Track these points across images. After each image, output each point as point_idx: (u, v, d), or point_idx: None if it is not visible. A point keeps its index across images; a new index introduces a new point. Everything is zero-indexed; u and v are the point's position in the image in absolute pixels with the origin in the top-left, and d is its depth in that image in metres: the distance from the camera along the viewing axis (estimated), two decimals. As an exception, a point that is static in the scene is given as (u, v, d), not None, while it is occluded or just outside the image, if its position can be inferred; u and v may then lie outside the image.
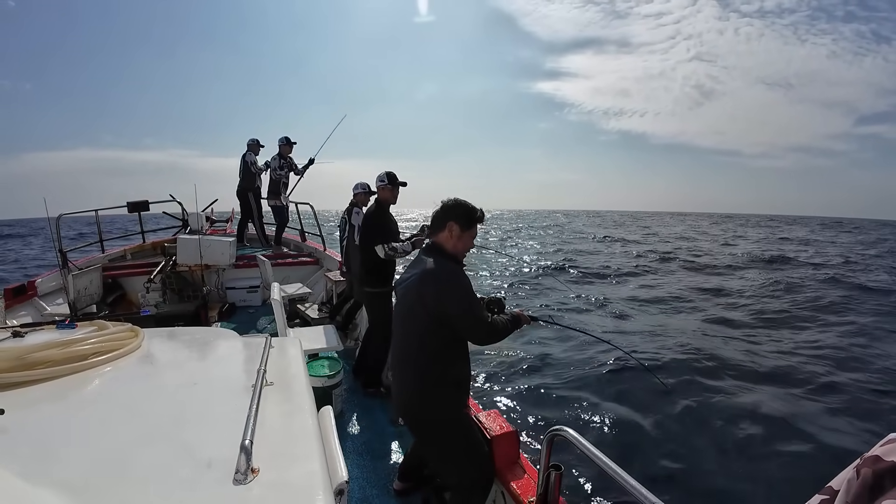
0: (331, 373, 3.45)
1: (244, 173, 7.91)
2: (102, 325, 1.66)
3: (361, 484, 2.76)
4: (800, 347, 7.61)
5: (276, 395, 1.26)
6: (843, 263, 19.53)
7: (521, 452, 2.40)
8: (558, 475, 1.87)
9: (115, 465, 0.90)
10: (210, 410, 1.19)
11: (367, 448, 3.17)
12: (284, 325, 2.74)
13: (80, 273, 5.40)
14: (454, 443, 2.13)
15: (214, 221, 9.63)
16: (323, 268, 7.12)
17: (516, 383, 6.03)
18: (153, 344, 1.65)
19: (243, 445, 0.87)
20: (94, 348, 1.40)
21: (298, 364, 1.57)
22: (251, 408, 1.03)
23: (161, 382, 1.38)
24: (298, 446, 1.02)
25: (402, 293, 2.15)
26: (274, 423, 1.08)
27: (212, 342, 1.88)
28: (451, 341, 2.05)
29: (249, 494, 0.82)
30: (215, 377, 1.47)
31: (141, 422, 1.09)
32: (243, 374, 1.39)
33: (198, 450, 0.96)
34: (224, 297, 6.51)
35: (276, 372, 1.40)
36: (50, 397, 1.17)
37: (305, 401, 1.26)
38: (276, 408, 1.17)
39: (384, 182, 3.92)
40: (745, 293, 12.38)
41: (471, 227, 2.16)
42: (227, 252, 6.35)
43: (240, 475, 0.85)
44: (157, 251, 7.58)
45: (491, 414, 2.51)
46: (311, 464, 0.95)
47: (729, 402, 5.48)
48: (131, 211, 7.61)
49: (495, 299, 2.37)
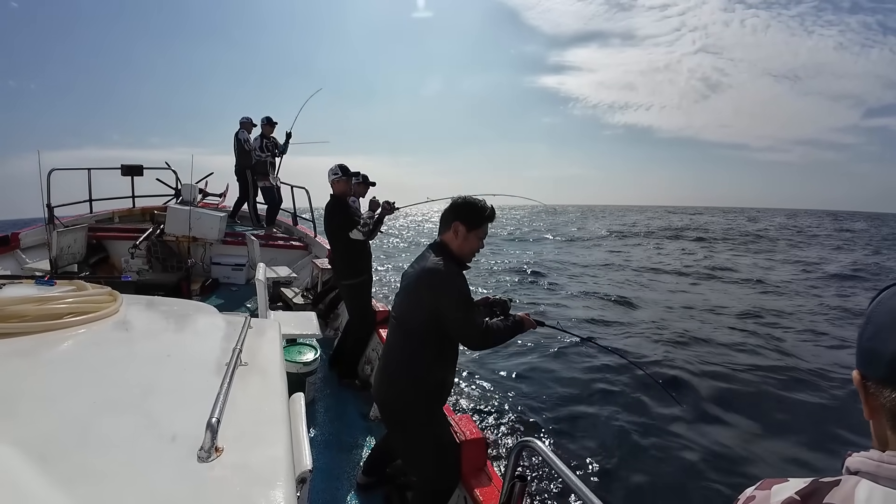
0: (307, 360, 3.43)
1: (239, 151, 7.86)
2: (81, 285, 1.64)
3: (326, 475, 2.75)
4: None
5: (249, 376, 1.24)
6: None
7: (489, 461, 2.41)
8: (523, 486, 1.88)
9: (79, 428, 0.88)
10: (180, 384, 1.17)
11: (336, 439, 3.16)
12: (266, 307, 2.73)
13: (66, 231, 5.33)
14: (424, 444, 2.12)
15: (207, 195, 9.54)
16: (311, 254, 7.09)
17: (494, 389, 6.02)
18: (131, 311, 1.63)
19: (210, 423, 0.87)
20: (71, 308, 1.38)
21: (275, 347, 1.56)
22: (222, 386, 1.02)
23: (134, 350, 1.37)
24: (265, 430, 1.01)
25: (402, 287, 2.15)
26: (243, 404, 1.07)
27: (190, 316, 1.86)
28: (441, 341, 2.04)
29: (210, 473, 0.81)
30: (190, 351, 1.46)
31: (109, 388, 1.08)
32: (218, 351, 1.38)
33: (164, 423, 0.95)
34: (208, 272, 6.46)
35: (252, 353, 1.39)
36: (20, 353, 1.15)
37: (278, 385, 1.25)
38: (247, 389, 1.16)
39: (338, 175, 3.91)
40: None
41: (478, 227, 2.11)
42: (217, 226, 6.30)
43: (203, 452, 0.84)
44: (146, 217, 7.51)
45: (462, 419, 2.51)
46: (276, 449, 0.94)
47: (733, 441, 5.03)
48: (125, 174, 7.53)
49: (500, 301, 2.30)
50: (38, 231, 5.86)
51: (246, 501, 0.78)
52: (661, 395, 5.59)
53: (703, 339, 8.35)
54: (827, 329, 9.05)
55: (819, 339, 8.45)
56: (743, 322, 9.47)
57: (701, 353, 7.59)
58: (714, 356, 7.59)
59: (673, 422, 5.23)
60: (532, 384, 6.23)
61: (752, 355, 7.63)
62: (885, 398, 0.58)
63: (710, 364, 7.03)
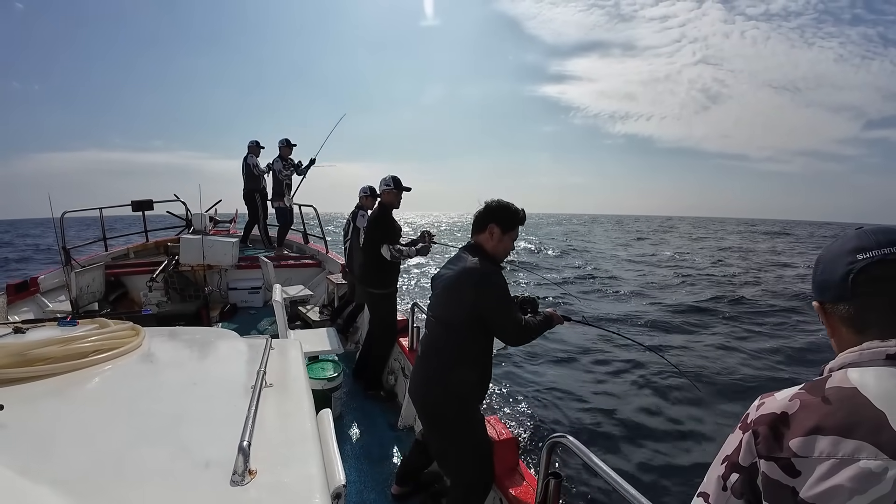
0: (331, 375, 3.44)
1: (248, 176, 7.93)
2: (104, 322, 1.66)
3: (359, 488, 2.75)
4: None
5: (275, 396, 1.25)
6: None
7: (521, 460, 2.39)
8: (557, 483, 1.86)
9: (113, 463, 0.89)
10: (209, 411, 1.18)
11: (366, 452, 3.16)
12: (285, 327, 2.74)
13: (83, 271, 5.41)
14: (464, 442, 2.13)
15: (218, 222, 9.65)
16: (325, 270, 7.13)
17: (521, 387, 5.99)
18: (154, 343, 1.65)
19: (241, 447, 0.87)
20: (95, 346, 1.40)
21: (298, 366, 1.57)
22: (250, 409, 1.03)
23: (161, 381, 1.38)
24: (296, 449, 1.02)
25: (440, 288, 2.16)
26: (272, 425, 1.08)
27: (212, 342, 1.88)
28: (480, 339, 2.07)
29: (246, 496, 0.82)
30: (215, 377, 1.47)
31: (140, 421, 1.09)
32: (243, 374, 1.39)
33: (196, 450, 0.96)
34: (226, 298, 6.52)
35: (276, 373, 1.40)
36: (50, 394, 1.17)
37: (304, 403, 1.26)
38: (274, 409, 1.17)
39: (389, 186, 3.93)
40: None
41: (512, 230, 2.14)
42: (230, 252, 6.37)
43: (237, 476, 0.84)
44: (160, 250, 7.60)
45: (491, 420, 2.50)
46: (308, 467, 0.95)
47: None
48: (135, 210, 7.63)
49: (529, 299, 2.34)
50: (56, 273, 5.96)
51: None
52: (691, 388, 5.53)
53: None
54: None
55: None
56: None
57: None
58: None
59: (702, 417, 5.21)
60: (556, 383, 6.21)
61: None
62: (839, 312, 0.79)
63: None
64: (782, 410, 0.73)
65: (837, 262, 0.80)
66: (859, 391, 0.69)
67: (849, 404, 0.68)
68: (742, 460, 0.74)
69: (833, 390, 0.71)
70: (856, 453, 0.64)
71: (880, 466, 0.62)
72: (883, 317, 0.75)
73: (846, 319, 0.79)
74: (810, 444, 0.67)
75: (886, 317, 0.74)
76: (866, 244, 0.78)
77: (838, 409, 0.68)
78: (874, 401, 0.67)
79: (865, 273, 0.76)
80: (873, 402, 0.67)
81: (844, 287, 0.78)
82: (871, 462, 0.62)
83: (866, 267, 0.76)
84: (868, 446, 0.63)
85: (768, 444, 0.71)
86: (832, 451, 0.65)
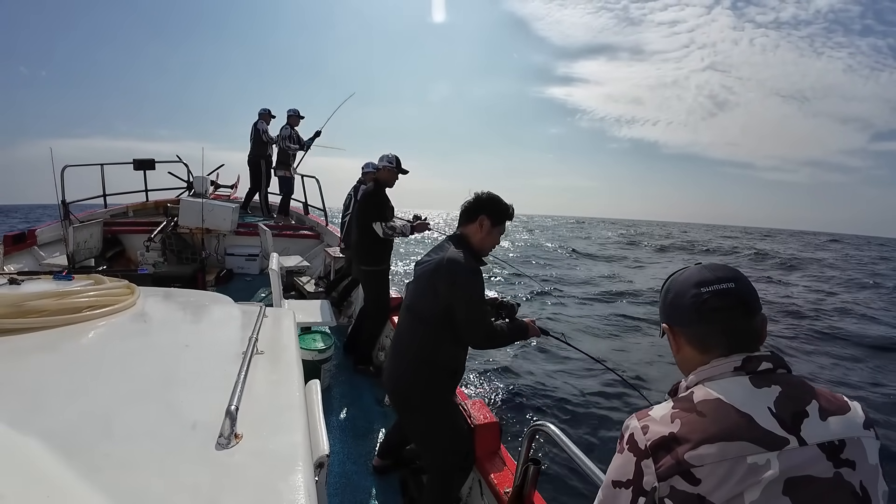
0: (322, 347, 3.47)
1: (255, 141, 7.88)
2: (99, 279, 1.66)
3: (342, 459, 2.79)
4: None
5: (265, 364, 1.26)
6: None
7: (503, 445, 2.43)
8: (536, 469, 1.89)
9: (101, 419, 0.91)
10: (199, 373, 1.20)
11: (351, 425, 3.20)
12: (280, 296, 2.75)
13: (81, 226, 5.40)
14: (439, 427, 2.15)
15: (219, 186, 9.59)
16: (323, 242, 7.13)
17: (508, 374, 6.05)
18: (148, 303, 1.66)
19: (229, 410, 0.88)
20: (90, 302, 1.41)
21: (290, 335, 1.58)
22: (240, 374, 1.04)
23: (153, 341, 1.39)
24: (283, 416, 1.03)
25: (418, 275, 2.15)
26: (261, 392, 1.09)
27: (206, 306, 1.88)
28: (453, 329, 2.04)
29: (231, 459, 0.83)
30: (207, 341, 1.48)
31: (130, 379, 1.10)
32: (235, 340, 1.40)
33: (184, 411, 0.97)
34: (222, 263, 6.53)
35: (268, 341, 1.41)
36: (42, 347, 1.18)
37: (294, 372, 1.27)
38: (264, 376, 1.18)
39: (392, 164, 3.91)
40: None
41: (500, 223, 2.13)
42: (230, 218, 6.35)
43: (223, 440, 0.86)
44: (160, 211, 7.58)
45: (476, 403, 2.53)
46: (294, 435, 0.96)
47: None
48: (136, 168, 7.59)
49: (508, 304, 2.28)
50: (54, 227, 5.95)
51: (266, 486, 0.80)
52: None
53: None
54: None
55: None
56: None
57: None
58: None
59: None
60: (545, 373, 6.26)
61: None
62: (687, 335, 0.96)
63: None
64: (669, 432, 0.83)
65: (685, 294, 0.95)
66: (723, 400, 0.83)
67: (721, 413, 0.82)
68: (646, 485, 0.82)
69: (702, 403, 0.84)
70: (741, 452, 0.77)
71: (763, 458, 0.77)
72: (721, 339, 0.91)
73: (692, 340, 0.95)
74: (702, 453, 0.78)
75: (724, 338, 0.91)
76: (708, 278, 0.94)
77: (714, 419, 0.81)
78: (739, 406, 0.82)
79: (708, 304, 0.92)
80: (738, 407, 0.82)
81: (692, 315, 0.93)
82: (756, 457, 0.77)
83: (708, 299, 0.92)
84: (749, 444, 0.78)
85: (668, 466, 0.80)
86: (722, 455, 0.77)
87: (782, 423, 0.80)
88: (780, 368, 0.88)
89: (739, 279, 0.93)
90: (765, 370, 0.87)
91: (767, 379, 0.86)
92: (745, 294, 0.92)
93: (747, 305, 0.92)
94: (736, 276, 0.94)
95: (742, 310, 0.91)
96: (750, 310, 0.92)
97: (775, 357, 0.89)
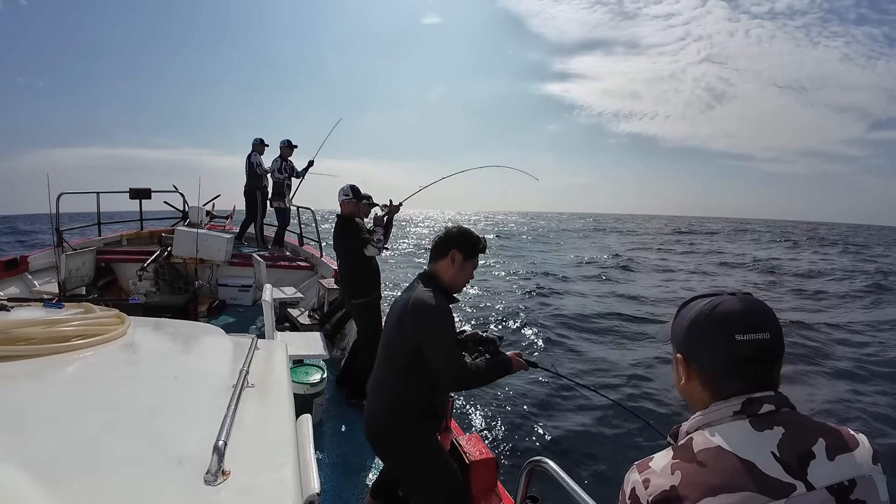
0: (314, 381, 3.41)
1: (250, 174, 7.96)
2: (89, 307, 1.64)
3: (333, 497, 2.71)
4: None
5: (256, 397, 1.23)
6: None
7: (500, 482, 2.36)
8: None
9: (87, 450, 0.88)
10: (187, 406, 1.17)
11: (343, 461, 3.12)
12: (272, 328, 2.72)
13: (74, 253, 5.38)
14: (423, 470, 2.07)
15: (214, 217, 9.62)
16: (317, 274, 7.10)
17: (504, 407, 5.93)
18: (138, 333, 1.63)
19: (216, 446, 0.86)
20: (79, 330, 1.38)
21: (282, 368, 1.55)
22: (229, 408, 1.01)
23: (142, 372, 1.36)
24: (273, 452, 1.00)
25: (389, 315, 2.11)
26: (250, 426, 1.06)
27: (197, 337, 1.86)
28: (426, 372, 1.97)
29: (217, 497, 0.80)
30: (197, 373, 1.45)
31: (117, 410, 1.07)
32: (225, 372, 1.37)
33: (170, 445, 0.94)
34: (215, 294, 6.48)
35: (259, 374, 1.38)
36: (29, 375, 1.15)
37: (285, 406, 1.24)
38: (254, 410, 1.15)
39: (348, 196, 3.93)
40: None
41: (473, 257, 2.11)
42: (224, 248, 6.34)
43: (210, 476, 0.83)
44: (154, 240, 7.57)
45: (471, 438, 2.48)
46: (283, 472, 0.93)
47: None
48: (133, 197, 7.62)
49: (488, 338, 2.19)
50: (46, 254, 5.91)
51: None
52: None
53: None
54: None
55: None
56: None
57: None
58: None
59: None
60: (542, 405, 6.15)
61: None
62: (703, 375, 0.90)
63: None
64: (671, 485, 0.80)
65: (715, 336, 0.88)
66: (724, 448, 0.80)
67: (721, 462, 0.78)
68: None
69: (702, 452, 0.81)
70: (746, 503, 0.74)
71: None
72: (738, 387, 0.86)
73: (707, 383, 0.90)
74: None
75: (741, 387, 0.86)
76: (743, 324, 0.86)
77: (715, 470, 0.78)
78: (740, 453, 0.78)
79: (740, 356, 0.85)
80: (739, 454, 0.78)
81: (719, 363, 0.88)
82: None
83: (742, 350, 0.85)
84: (753, 495, 0.74)
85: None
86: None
87: (787, 467, 0.76)
88: (783, 408, 0.84)
89: (774, 328, 0.87)
90: (766, 413, 0.83)
91: (769, 421, 0.82)
92: (778, 346, 0.87)
93: (777, 358, 0.87)
94: (771, 322, 0.87)
95: (771, 363, 0.87)
96: (778, 360, 0.87)
97: (778, 397, 0.85)
